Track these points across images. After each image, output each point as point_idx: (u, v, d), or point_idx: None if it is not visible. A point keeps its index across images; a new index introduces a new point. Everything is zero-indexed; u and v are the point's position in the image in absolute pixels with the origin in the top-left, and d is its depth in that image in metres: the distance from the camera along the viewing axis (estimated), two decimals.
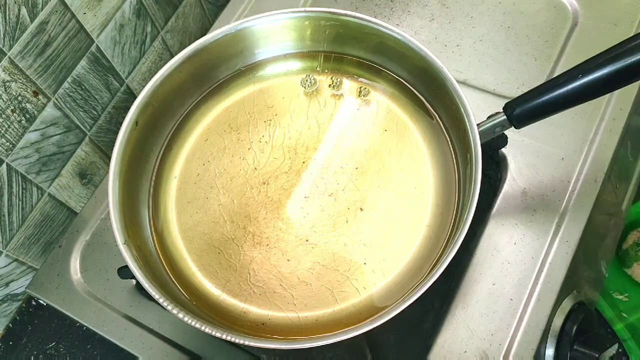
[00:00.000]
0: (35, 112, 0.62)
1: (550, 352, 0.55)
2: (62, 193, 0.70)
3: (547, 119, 0.49)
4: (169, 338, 0.60)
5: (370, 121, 0.60)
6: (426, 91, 0.59)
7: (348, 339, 0.45)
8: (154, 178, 0.59)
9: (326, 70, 0.63)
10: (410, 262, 0.53)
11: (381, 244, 0.54)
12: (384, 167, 0.58)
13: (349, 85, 0.62)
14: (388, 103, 0.61)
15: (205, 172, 0.59)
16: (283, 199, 0.57)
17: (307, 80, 0.62)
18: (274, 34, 0.61)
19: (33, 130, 0.62)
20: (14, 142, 0.60)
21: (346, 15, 0.58)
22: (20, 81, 0.59)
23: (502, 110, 0.50)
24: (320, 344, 0.45)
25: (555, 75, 0.49)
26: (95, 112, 0.71)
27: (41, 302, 0.64)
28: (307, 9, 0.60)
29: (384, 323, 0.45)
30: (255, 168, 0.59)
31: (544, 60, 0.69)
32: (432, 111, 0.59)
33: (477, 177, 0.49)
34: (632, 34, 0.44)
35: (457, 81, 0.53)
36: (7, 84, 0.57)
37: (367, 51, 0.61)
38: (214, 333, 0.46)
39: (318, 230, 0.55)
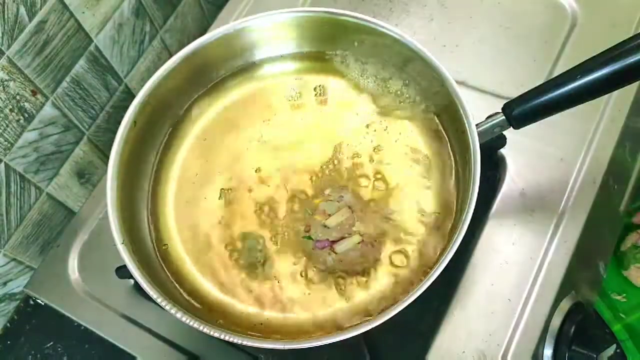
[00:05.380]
0: (34, 111, 0.62)
1: (548, 352, 0.55)
2: (61, 192, 0.69)
3: (546, 119, 0.49)
4: (167, 338, 0.59)
5: (370, 121, 0.60)
6: (425, 92, 0.59)
7: (346, 339, 0.45)
8: (152, 177, 0.59)
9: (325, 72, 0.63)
10: (408, 262, 0.53)
11: (379, 244, 0.54)
12: (383, 167, 0.58)
13: (346, 86, 0.62)
14: None
15: (204, 172, 0.59)
16: (282, 199, 0.57)
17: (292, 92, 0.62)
18: (272, 34, 0.61)
19: (31, 130, 0.62)
20: (12, 141, 0.60)
21: (345, 15, 0.58)
22: (19, 80, 0.59)
23: (501, 111, 0.50)
24: (319, 344, 0.45)
25: (554, 75, 0.49)
26: (93, 112, 0.71)
27: (39, 301, 0.64)
28: (306, 8, 0.60)
29: (382, 323, 0.45)
30: (254, 168, 0.59)
31: (542, 61, 0.69)
32: (431, 112, 0.59)
33: (475, 178, 0.49)
34: (630, 35, 0.44)
35: (456, 81, 0.53)
36: (6, 83, 0.57)
37: (365, 51, 0.61)
38: (212, 333, 0.46)
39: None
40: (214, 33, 0.59)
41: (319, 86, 0.62)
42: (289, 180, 0.58)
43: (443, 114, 0.58)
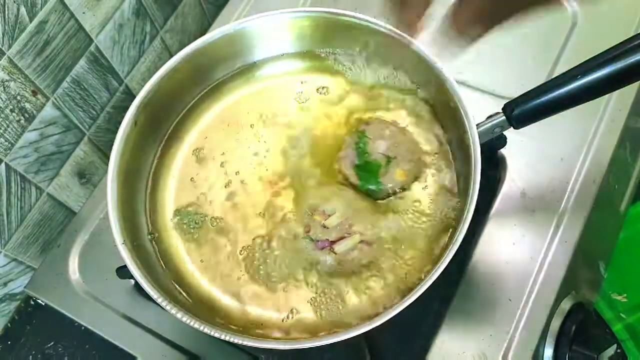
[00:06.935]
0: (34, 112, 0.62)
1: (549, 352, 0.55)
2: (61, 193, 0.69)
3: (546, 119, 0.49)
4: (167, 338, 0.60)
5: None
6: (425, 91, 0.59)
7: (347, 339, 0.45)
8: (152, 177, 0.59)
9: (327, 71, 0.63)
10: (409, 263, 0.53)
11: (381, 245, 0.54)
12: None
13: (347, 86, 0.62)
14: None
15: (204, 172, 0.59)
16: (282, 199, 0.57)
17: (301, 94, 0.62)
18: (273, 34, 0.61)
19: (32, 130, 0.62)
20: (12, 141, 0.60)
21: (345, 15, 0.58)
22: (19, 80, 0.59)
23: (501, 111, 0.50)
24: (320, 344, 0.45)
25: (555, 75, 0.49)
26: (94, 112, 0.71)
27: (40, 301, 0.64)
28: (307, 9, 0.60)
29: (383, 323, 0.45)
30: (254, 168, 0.59)
31: (543, 61, 0.69)
32: (432, 112, 0.59)
33: (476, 178, 0.49)
34: (630, 35, 0.44)
35: (457, 82, 0.53)
36: (6, 83, 0.57)
37: (366, 52, 0.61)
38: (212, 333, 0.46)
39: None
40: (215, 33, 0.59)
41: (321, 87, 0.62)
42: (290, 181, 0.58)
43: (443, 114, 0.58)
